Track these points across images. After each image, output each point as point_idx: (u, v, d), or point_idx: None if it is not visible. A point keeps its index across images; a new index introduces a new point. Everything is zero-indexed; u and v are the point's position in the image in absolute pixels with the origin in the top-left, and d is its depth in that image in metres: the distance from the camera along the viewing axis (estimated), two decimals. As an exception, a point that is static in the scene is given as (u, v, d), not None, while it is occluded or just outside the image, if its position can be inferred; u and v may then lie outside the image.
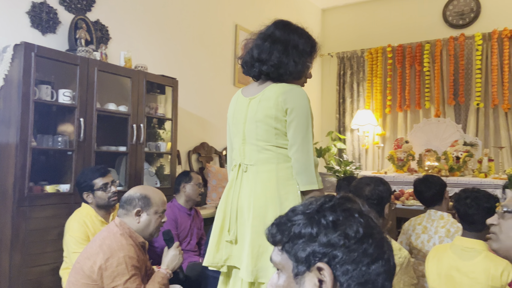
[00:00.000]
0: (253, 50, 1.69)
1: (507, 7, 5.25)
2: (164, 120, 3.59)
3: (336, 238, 0.75)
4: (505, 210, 1.34)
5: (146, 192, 1.96)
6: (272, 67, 1.64)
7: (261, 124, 1.63)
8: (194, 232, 3.10)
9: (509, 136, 5.15)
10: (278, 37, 1.68)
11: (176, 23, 4.06)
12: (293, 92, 1.62)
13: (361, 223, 0.77)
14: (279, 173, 1.59)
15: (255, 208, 1.55)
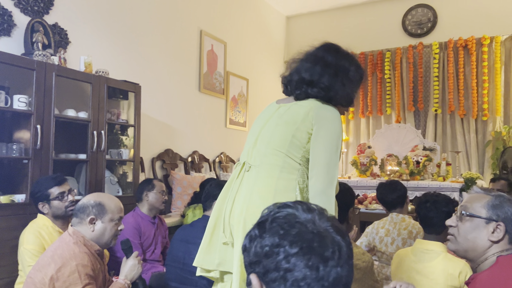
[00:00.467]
0: (302, 71, 1.62)
1: (462, 18, 5.50)
2: (127, 126, 3.50)
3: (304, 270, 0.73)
4: (463, 213, 1.39)
5: (101, 199, 1.89)
6: (322, 90, 1.56)
7: (280, 128, 1.53)
8: (159, 241, 3.03)
9: (465, 141, 5.37)
10: (329, 61, 1.62)
11: (140, 27, 3.99)
12: (329, 111, 1.50)
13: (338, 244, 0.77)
14: (279, 182, 1.47)
15: (247, 215, 1.46)
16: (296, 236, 0.73)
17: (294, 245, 0.72)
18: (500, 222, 1.32)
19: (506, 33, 5.20)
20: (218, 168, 5.03)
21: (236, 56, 5.45)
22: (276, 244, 0.73)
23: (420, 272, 1.94)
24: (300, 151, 1.49)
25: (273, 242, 0.73)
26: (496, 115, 5.21)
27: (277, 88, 6.77)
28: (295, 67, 1.66)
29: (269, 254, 0.73)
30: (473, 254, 1.37)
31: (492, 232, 1.33)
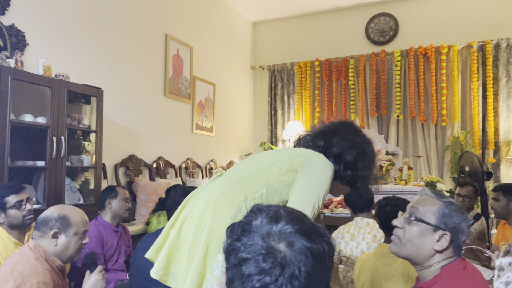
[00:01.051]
0: (332, 146, 1.51)
1: (422, 27, 5.71)
2: (89, 132, 3.40)
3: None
4: (412, 217, 1.35)
5: (65, 212, 1.81)
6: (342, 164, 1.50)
7: (268, 158, 1.49)
8: (122, 250, 2.94)
9: (425, 146, 5.56)
10: (357, 142, 1.54)
11: (102, 30, 3.89)
12: (322, 157, 1.46)
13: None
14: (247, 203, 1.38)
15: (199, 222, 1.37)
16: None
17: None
18: (447, 231, 1.30)
19: (462, 42, 5.43)
20: (184, 174, 4.96)
21: (203, 60, 5.41)
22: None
23: (383, 275, 1.98)
24: (278, 181, 1.44)
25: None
26: (454, 121, 5.42)
27: (243, 93, 6.81)
28: (323, 136, 1.55)
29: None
30: (416, 259, 1.35)
31: (437, 240, 1.30)
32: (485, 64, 5.33)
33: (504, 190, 2.76)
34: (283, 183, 1.39)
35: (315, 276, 0.71)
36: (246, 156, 6.23)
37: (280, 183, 1.39)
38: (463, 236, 1.32)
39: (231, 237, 0.75)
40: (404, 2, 5.83)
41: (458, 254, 1.33)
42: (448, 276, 1.27)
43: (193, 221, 1.37)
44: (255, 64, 6.68)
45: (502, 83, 5.24)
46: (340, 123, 1.59)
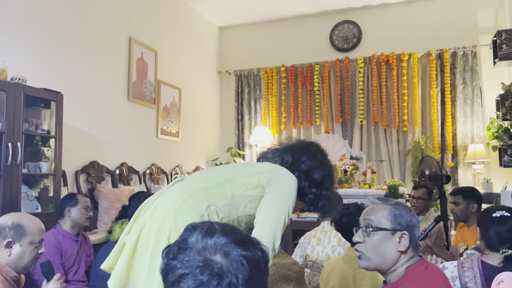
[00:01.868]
0: (301, 163, 1.54)
1: (384, 34, 5.88)
2: (48, 137, 3.27)
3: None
4: (368, 228, 1.38)
5: (19, 220, 1.73)
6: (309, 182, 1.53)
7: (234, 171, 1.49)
8: (82, 260, 2.84)
9: (388, 150, 5.71)
10: (323, 162, 1.58)
11: (63, 32, 3.76)
12: (288, 172, 1.48)
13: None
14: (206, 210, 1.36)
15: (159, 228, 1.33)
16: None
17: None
18: (404, 230, 1.35)
19: (422, 50, 5.63)
20: (149, 181, 4.86)
21: (168, 65, 5.34)
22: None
23: (352, 279, 2.00)
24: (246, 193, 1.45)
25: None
26: (415, 126, 5.60)
27: (210, 98, 6.77)
28: (289, 152, 1.57)
29: None
30: (384, 267, 1.38)
31: (399, 242, 1.35)
32: (443, 71, 5.55)
33: (463, 194, 2.86)
34: (248, 197, 1.40)
35: (253, 282, 0.72)
36: (213, 161, 6.19)
37: (245, 197, 1.40)
38: (417, 231, 1.38)
39: (167, 257, 0.76)
40: (367, 10, 5.99)
41: (417, 248, 1.40)
42: (412, 277, 1.31)
43: (152, 228, 1.33)
44: (221, 69, 6.67)
45: (459, 90, 5.47)
46: (310, 143, 1.63)
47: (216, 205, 1.36)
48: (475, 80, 5.40)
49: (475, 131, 5.35)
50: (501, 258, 1.65)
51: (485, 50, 5.39)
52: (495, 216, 1.71)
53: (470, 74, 5.42)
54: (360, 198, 4.53)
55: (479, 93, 5.39)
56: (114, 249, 1.42)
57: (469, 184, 5.13)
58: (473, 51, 5.42)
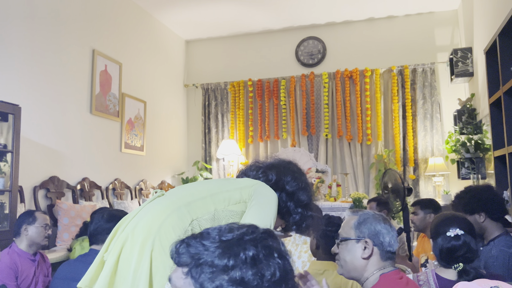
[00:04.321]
0: (285, 184, 1.54)
1: (347, 51, 6.05)
2: (5, 152, 3.12)
3: (250, 276, 0.68)
4: (338, 239, 1.48)
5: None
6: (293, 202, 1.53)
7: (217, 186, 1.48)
8: (40, 280, 2.70)
9: (352, 164, 5.83)
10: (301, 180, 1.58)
11: (21, 42, 3.64)
12: (269, 188, 1.49)
13: (279, 265, 0.71)
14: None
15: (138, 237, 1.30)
16: (288, 282, 0.75)
17: None
18: (367, 238, 1.41)
19: (383, 66, 5.83)
20: (112, 196, 4.73)
21: (133, 77, 5.26)
22: (274, 282, 0.73)
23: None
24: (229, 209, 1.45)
25: None
26: (378, 140, 5.75)
27: (176, 111, 6.71)
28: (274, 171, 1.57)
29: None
30: (355, 274, 1.45)
31: (364, 249, 1.41)
32: (404, 87, 5.75)
33: (421, 204, 2.97)
34: (230, 212, 1.40)
35: None
36: (179, 176, 6.10)
37: (228, 212, 1.40)
38: (385, 238, 1.41)
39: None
40: (331, 27, 6.15)
41: (392, 258, 1.42)
42: (385, 284, 1.34)
43: (135, 244, 1.30)
44: (188, 82, 6.63)
45: (419, 105, 5.68)
46: (290, 162, 1.65)
47: (199, 219, 1.35)
48: (434, 96, 5.62)
49: (435, 144, 5.55)
50: (455, 273, 1.70)
51: (443, 67, 5.64)
52: (449, 236, 1.72)
53: (429, 89, 5.65)
54: (326, 211, 4.58)
55: (438, 108, 5.61)
56: (92, 267, 1.37)
57: (430, 196, 5.30)
58: (431, 68, 5.66)
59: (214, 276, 0.68)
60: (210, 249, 0.71)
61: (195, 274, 0.69)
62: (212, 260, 0.69)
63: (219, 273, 0.68)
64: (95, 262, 1.38)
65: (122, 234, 1.35)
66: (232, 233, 0.73)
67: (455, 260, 1.70)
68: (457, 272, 1.68)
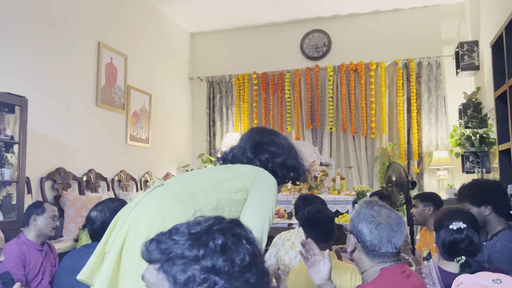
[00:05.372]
0: (275, 156, 1.60)
1: (353, 44, 6.02)
2: (12, 143, 3.16)
3: (221, 263, 0.70)
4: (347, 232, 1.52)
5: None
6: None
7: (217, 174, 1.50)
8: (47, 270, 2.74)
9: (356, 157, 5.83)
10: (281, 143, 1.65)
11: (28, 35, 3.66)
12: (268, 174, 1.52)
13: (248, 250, 0.74)
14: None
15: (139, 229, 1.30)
16: (258, 265, 0.78)
17: (257, 274, 0.76)
18: (353, 233, 1.45)
19: (389, 60, 5.80)
20: (117, 187, 4.77)
21: (138, 70, 5.28)
22: (244, 266, 0.75)
23: (317, 283, 2.03)
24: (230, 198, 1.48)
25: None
26: (382, 133, 5.75)
27: (181, 104, 6.72)
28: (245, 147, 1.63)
29: (234, 276, 0.73)
30: (357, 266, 1.49)
31: (351, 243, 1.46)
32: (409, 80, 5.73)
33: (421, 197, 2.99)
34: (233, 201, 1.41)
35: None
36: (184, 168, 6.14)
37: (230, 200, 1.41)
38: (366, 238, 1.42)
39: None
40: (336, 20, 6.13)
41: (381, 257, 1.41)
42: (384, 278, 1.36)
43: (138, 235, 1.29)
44: (193, 75, 6.64)
45: (424, 99, 5.66)
46: (264, 130, 1.68)
47: (202, 210, 1.36)
48: (439, 89, 5.60)
49: (439, 138, 5.54)
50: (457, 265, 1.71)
51: (448, 61, 5.61)
52: (451, 228, 1.74)
53: (435, 83, 5.62)
54: (330, 204, 4.60)
55: (443, 102, 5.59)
56: (91, 259, 1.37)
57: (434, 190, 5.31)
58: (437, 61, 5.63)
59: (185, 267, 0.70)
60: (180, 242, 0.73)
61: (167, 268, 0.71)
62: (182, 252, 0.71)
63: (190, 264, 0.70)
64: (95, 254, 1.38)
65: (124, 225, 1.34)
66: (200, 225, 0.76)
67: (457, 253, 1.71)
68: (459, 265, 1.70)
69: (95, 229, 2.15)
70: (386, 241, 1.39)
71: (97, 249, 1.38)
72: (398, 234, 1.41)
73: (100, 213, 2.16)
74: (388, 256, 1.40)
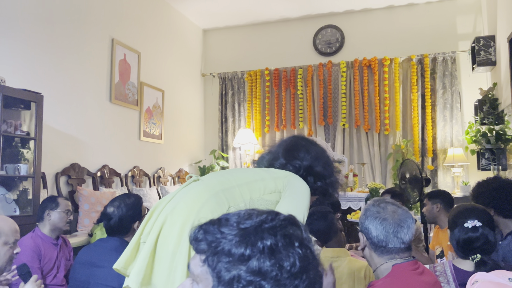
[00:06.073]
0: (303, 161, 1.56)
1: (366, 39, 5.96)
2: (28, 139, 3.21)
3: (269, 267, 0.65)
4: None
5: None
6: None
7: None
8: (62, 264, 2.79)
9: (369, 154, 5.78)
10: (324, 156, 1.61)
11: (43, 32, 3.71)
12: (302, 180, 1.49)
13: (300, 255, 0.68)
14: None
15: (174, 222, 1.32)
16: (310, 272, 0.74)
17: (307, 282, 0.72)
18: (362, 232, 1.47)
19: (403, 55, 5.73)
20: (131, 183, 4.82)
21: (151, 66, 5.31)
22: (293, 273, 0.70)
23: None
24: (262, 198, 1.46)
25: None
26: (396, 130, 5.69)
27: (194, 100, 6.74)
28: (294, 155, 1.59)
29: (282, 282, 0.68)
30: (369, 262, 1.50)
31: (362, 241, 1.48)
32: (423, 76, 5.66)
33: (429, 195, 2.96)
34: (265, 202, 1.41)
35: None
36: (196, 164, 6.17)
37: (263, 201, 1.41)
38: (372, 234, 1.43)
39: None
40: (350, 15, 6.07)
41: (389, 253, 1.40)
42: (395, 274, 1.35)
43: (173, 226, 1.31)
44: (205, 72, 6.66)
45: (439, 95, 5.58)
46: (299, 137, 1.65)
47: (235, 206, 1.36)
48: (454, 85, 5.52)
49: (454, 135, 5.46)
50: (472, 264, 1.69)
51: (464, 56, 5.52)
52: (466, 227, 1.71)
53: (450, 79, 5.54)
54: (342, 201, 4.58)
55: (458, 98, 5.51)
56: (127, 249, 1.40)
57: (448, 187, 5.24)
58: (452, 57, 5.54)
59: (231, 266, 0.67)
60: (228, 237, 0.69)
61: (212, 263, 0.68)
62: (229, 249, 0.68)
63: (236, 263, 0.67)
64: (131, 244, 1.40)
65: (159, 216, 1.36)
66: (251, 220, 0.71)
67: (473, 252, 1.69)
68: (474, 263, 1.68)
69: (112, 224, 2.15)
70: (392, 236, 1.39)
71: (132, 240, 1.41)
72: (405, 229, 1.40)
73: (117, 209, 2.17)
74: (396, 251, 1.40)
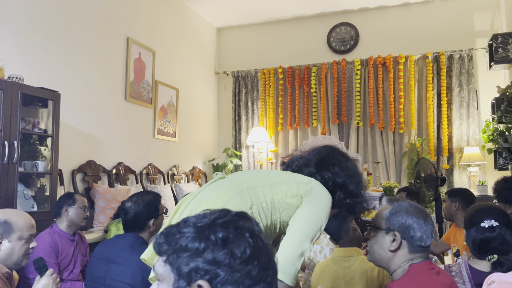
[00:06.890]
0: (336, 177, 1.53)
1: (381, 37, 5.91)
2: (45, 136, 3.27)
3: (221, 256, 0.73)
4: (369, 226, 1.47)
5: (6, 217, 1.73)
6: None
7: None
8: (78, 259, 2.83)
9: (384, 152, 5.73)
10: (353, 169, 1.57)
11: (60, 31, 3.77)
12: (325, 189, 1.47)
13: (250, 243, 0.76)
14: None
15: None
16: (261, 258, 0.79)
17: (259, 266, 0.77)
18: (396, 231, 1.38)
19: (418, 53, 5.66)
20: (145, 180, 4.87)
21: (166, 65, 5.35)
22: (245, 259, 0.76)
23: (343, 279, 2.01)
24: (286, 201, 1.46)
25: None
26: (411, 128, 5.62)
27: (207, 98, 6.76)
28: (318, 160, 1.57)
29: (235, 268, 0.75)
30: (383, 264, 1.43)
31: (392, 241, 1.38)
32: (439, 74, 5.58)
33: (449, 193, 2.94)
34: (286, 205, 1.42)
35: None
36: (210, 162, 6.19)
37: (284, 203, 1.42)
38: (416, 232, 1.37)
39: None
40: (364, 13, 6.02)
41: (423, 251, 1.38)
42: (413, 274, 1.33)
43: None
44: (219, 70, 6.68)
45: (455, 93, 5.50)
46: (334, 150, 1.62)
47: (258, 205, 1.39)
48: (471, 83, 5.43)
49: (470, 133, 5.38)
50: (488, 264, 1.66)
51: (481, 54, 5.43)
52: (483, 226, 1.68)
53: (466, 77, 5.45)
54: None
55: (475, 96, 5.42)
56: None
57: (464, 187, 5.16)
58: (469, 54, 5.45)
59: (189, 260, 0.73)
60: (186, 235, 0.76)
61: (172, 260, 0.75)
62: (186, 244, 0.75)
63: (193, 256, 0.73)
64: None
65: (185, 210, 1.40)
66: (206, 218, 0.79)
67: (489, 252, 1.66)
68: (491, 264, 1.65)
69: (128, 219, 2.18)
70: (427, 235, 1.37)
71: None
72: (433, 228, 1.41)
73: (134, 204, 2.20)
74: (425, 251, 1.39)
